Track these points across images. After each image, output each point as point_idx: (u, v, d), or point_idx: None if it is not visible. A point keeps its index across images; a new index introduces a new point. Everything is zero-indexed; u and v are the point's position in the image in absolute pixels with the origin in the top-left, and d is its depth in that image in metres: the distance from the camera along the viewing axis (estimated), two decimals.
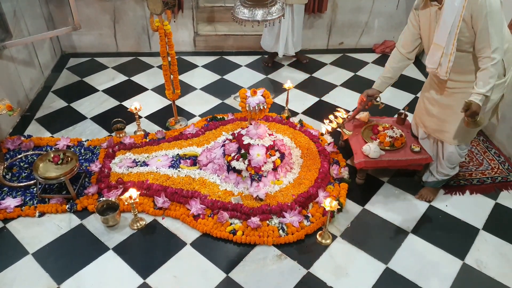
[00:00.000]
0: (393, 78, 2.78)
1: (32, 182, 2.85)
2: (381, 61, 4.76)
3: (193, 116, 3.72)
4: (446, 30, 2.21)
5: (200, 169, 2.98)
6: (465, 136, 2.57)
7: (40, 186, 2.78)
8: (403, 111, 3.16)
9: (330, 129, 2.81)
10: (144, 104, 3.63)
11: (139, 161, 3.07)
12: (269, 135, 2.91)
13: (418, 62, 4.71)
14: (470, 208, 2.83)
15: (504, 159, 3.25)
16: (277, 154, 2.87)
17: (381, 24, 4.88)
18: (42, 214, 2.68)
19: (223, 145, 2.98)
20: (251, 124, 2.85)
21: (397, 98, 4.03)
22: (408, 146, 2.90)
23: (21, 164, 3.03)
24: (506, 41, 2.24)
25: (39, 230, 2.59)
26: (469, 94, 2.25)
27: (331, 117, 2.86)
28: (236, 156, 2.83)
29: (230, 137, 3.07)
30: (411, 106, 3.63)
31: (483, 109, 2.33)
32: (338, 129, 2.85)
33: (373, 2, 4.68)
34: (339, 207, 2.60)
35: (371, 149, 2.80)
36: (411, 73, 4.51)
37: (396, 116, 3.21)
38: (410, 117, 3.20)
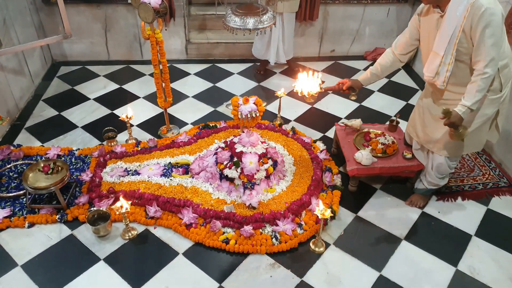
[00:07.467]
0: (380, 77, 2.72)
1: (21, 192, 2.81)
2: None
3: (185, 124, 3.71)
4: (446, 39, 2.17)
5: (193, 177, 2.96)
6: (455, 149, 2.55)
7: (29, 196, 2.74)
8: (394, 118, 3.17)
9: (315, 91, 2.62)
10: (136, 112, 3.60)
11: (130, 170, 3.04)
12: (262, 142, 2.90)
13: (410, 70, 4.75)
14: (462, 214, 2.84)
15: (495, 164, 3.28)
16: (270, 162, 2.87)
17: (372, 31, 4.92)
18: (31, 225, 2.63)
19: (216, 153, 2.96)
20: (243, 132, 2.85)
21: (388, 105, 4.06)
22: (400, 153, 2.92)
23: (11, 174, 2.99)
24: (505, 57, 2.21)
25: (28, 241, 2.54)
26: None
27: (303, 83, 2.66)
28: (228, 164, 2.82)
29: (223, 145, 3.06)
30: (402, 113, 3.65)
31: (474, 123, 2.35)
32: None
33: (364, 10, 4.73)
34: (332, 214, 2.60)
35: (363, 156, 2.81)
36: (403, 80, 4.55)
37: (388, 123, 3.23)
38: (401, 124, 3.22)
